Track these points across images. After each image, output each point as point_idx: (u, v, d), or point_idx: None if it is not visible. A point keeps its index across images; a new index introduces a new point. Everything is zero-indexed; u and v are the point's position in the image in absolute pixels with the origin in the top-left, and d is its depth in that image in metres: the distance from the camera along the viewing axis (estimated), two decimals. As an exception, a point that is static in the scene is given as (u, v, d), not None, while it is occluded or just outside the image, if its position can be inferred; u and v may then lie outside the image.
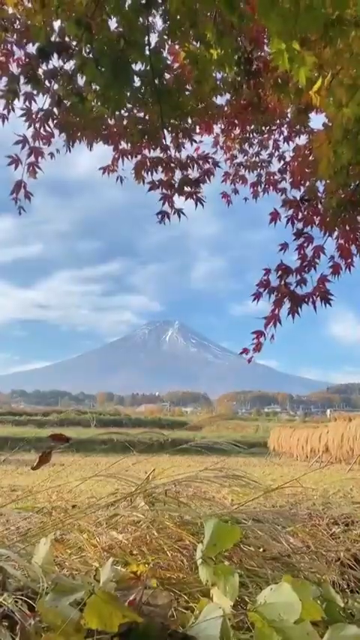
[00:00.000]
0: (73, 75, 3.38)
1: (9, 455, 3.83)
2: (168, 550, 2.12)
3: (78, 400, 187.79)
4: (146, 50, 2.93)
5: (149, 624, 1.18)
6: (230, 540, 1.38)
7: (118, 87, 2.77)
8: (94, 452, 15.77)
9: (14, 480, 7.19)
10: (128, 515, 2.39)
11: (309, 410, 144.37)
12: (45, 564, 1.38)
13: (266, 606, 1.17)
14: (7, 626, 1.19)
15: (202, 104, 3.85)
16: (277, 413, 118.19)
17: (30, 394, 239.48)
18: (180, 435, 26.65)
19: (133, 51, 2.78)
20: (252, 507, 2.77)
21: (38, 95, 3.74)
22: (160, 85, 3.11)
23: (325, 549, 2.75)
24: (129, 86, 2.93)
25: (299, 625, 1.11)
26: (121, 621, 1.12)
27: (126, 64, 2.76)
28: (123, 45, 2.73)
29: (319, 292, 3.62)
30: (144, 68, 3.19)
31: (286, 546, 2.52)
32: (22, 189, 4.08)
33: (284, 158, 4.96)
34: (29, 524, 2.34)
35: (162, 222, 4.30)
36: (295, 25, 1.67)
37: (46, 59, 3.11)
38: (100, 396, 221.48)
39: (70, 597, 1.14)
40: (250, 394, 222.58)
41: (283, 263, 3.72)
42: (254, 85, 3.51)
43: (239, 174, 5.12)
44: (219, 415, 78.33)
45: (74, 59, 3.04)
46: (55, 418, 46.85)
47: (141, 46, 2.87)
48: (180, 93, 3.39)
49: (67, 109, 3.65)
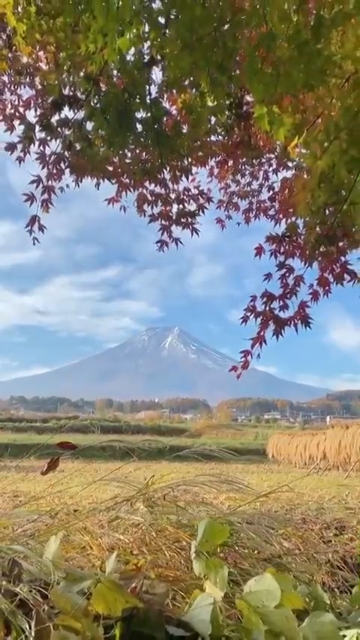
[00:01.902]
0: (82, 123, 3.79)
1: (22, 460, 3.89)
2: (166, 550, 2.27)
3: (77, 406, 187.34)
4: (147, 100, 3.18)
5: (148, 610, 1.34)
6: (221, 537, 1.54)
7: (122, 133, 3.12)
8: (94, 458, 15.88)
9: (16, 486, 7.30)
10: (129, 518, 2.55)
11: (308, 417, 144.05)
12: (55, 559, 1.54)
13: (251, 594, 1.33)
14: (24, 612, 1.35)
15: (197, 143, 4.22)
16: (276, 420, 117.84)
17: (29, 400, 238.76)
18: (179, 442, 26.69)
19: (135, 101, 3.08)
20: (248, 512, 2.92)
21: (51, 140, 4.17)
22: (159, 130, 3.39)
23: (316, 551, 2.90)
24: (132, 132, 3.25)
25: (279, 610, 1.27)
26: (124, 606, 1.28)
27: (129, 113, 3.10)
28: (126, 97, 3.03)
29: (299, 316, 4.02)
30: (145, 115, 3.52)
31: (278, 548, 2.67)
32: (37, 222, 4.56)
33: (273, 188, 5.45)
34: (35, 526, 2.49)
35: (161, 249, 4.78)
36: (275, 90, 1.87)
37: (59, 110, 3.46)
38: (99, 402, 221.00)
39: (79, 585, 1.30)
40: (250, 401, 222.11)
41: (267, 291, 4.15)
42: (244, 126, 3.85)
43: (232, 202, 5.60)
44: (219, 423, 78.23)
45: (83, 109, 3.41)
46: (54, 425, 46.88)
47: (142, 97, 3.17)
48: (177, 136, 3.72)
49: (76, 152, 4.04)
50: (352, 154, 2.36)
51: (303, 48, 2.07)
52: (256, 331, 4.15)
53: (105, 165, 4.35)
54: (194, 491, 3.28)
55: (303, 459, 24.15)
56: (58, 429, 43.03)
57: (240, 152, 4.53)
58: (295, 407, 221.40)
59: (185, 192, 4.89)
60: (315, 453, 22.70)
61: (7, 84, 4.32)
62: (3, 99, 4.41)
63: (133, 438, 3.99)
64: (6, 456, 22.57)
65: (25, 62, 4.00)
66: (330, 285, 4.11)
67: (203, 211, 4.94)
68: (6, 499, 5.34)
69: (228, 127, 4.16)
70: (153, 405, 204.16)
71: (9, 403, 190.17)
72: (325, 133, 2.38)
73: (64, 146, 4.05)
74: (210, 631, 1.32)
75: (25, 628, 1.31)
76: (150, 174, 4.35)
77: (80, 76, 3.43)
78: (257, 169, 5.38)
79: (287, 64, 2.05)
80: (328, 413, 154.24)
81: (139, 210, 4.86)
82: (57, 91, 3.63)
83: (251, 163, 5.21)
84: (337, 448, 20.16)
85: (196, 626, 1.34)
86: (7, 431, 42.96)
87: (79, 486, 4.35)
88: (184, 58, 2.45)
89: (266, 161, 5.28)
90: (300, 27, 2.11)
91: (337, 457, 20.17)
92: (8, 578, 1.47)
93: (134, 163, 4.30)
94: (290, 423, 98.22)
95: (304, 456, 24.06)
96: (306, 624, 1.38)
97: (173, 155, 4.02)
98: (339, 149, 2.36)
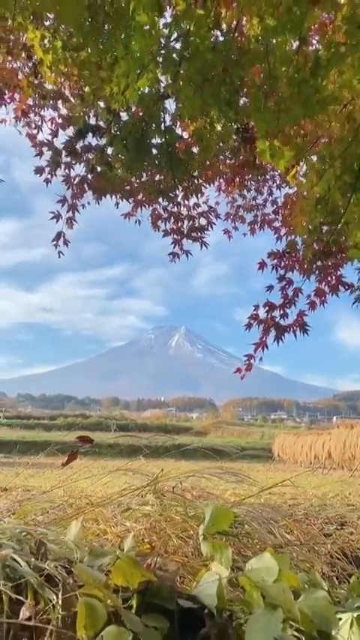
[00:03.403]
0: (104, 149, 4.25)
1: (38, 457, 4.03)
2: (175, 538, 2.44)
3: (84, 404, 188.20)
4: (162, 127, 3.48)
5: (161, 584, 1.51)
6: (226, 521, 1.71)
7: (139, 158, 3.45)
8: (102, 455, 16.09)
9: (26, 482, 7.49)
10: (139, 508, 2.72)
11: (315, 417, 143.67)
12: (76, 541, 1.72)
13: (252, 571, 1.50)
14: (51, 586, 1.52)
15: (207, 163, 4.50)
16: (283, 419, 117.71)
17: (36, 398, 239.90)
18: (185, 440, 26.95)
19: (151, 129, 3.37)
20: (252, 504, 3.08)
21: (76, 164, 4.66)
22: (172, 153, 3.70)
23: (315, 542, 3.06)
24: (148, 156, 3.54)
25: (277, 584, 1.43)
26: (139, 580, 1.45)
27: (146, 140, 3.44)
28: (143, 125, 3.33)
29: (298, 324, 4.46)
30: (160, 141, 3.86)
31: (280, 539, 2.84)
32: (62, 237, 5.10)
33: (277, 202, 5.88)
34: (53, 515, 2.66)
35: (173, 260, 5.34)
36: (277, 125, 2.07)
37: (83, 138, 3.79)
38: (105, 400, 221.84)
39: (101, 560, 1.47)
40: (256, 400, 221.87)
41: (269, 301, 4.59)
42: (250, 148, 4.15)
43: (239, 215, 6.02)
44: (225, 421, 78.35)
45: (105, 137, 3.76)
46: (62, 422, 47.29)
47: (158, 125, 3.49)
48: (189, 159, 4.07)
49: (98, 174, 4.50)
50: (345, 180, 2.58)
51: (302, 86, 2.28)
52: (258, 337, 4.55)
53: (123, 186, 4.77)
54: (201, 487, 3.45)
55: (308, 458, 24.29)
56: (66, 426, 43.41)
57: (246, 170, 4.80)
58: (302, 407, 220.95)
59: (195, 207, 5.30)
60: (320, 452, 22.85)
61: (32, 106, 4.79)
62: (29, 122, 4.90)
63: (143, 436, 4.18)
64: (15, 453, 22.85)
65: (49, 89, 4.41)
66: (326, 296, 4.50)
67: (212, 227, 5.38)
68: (19, 492, 5.52)
69: (235, 150, 4.55)
70: (159, 404, 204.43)
71: (16, 400, 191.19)
72: (321, 162, 2.60)
73: (87, 169, 4.51)
74: (216, 603, 1.49)
75: (52, 598, 1.49)
76: (163, 193, 4.74)
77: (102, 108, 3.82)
78: (262, 185, 5.78)
79: (288, 100, 2.25)
80: (334, 413, 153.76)
81: (153, 226, 5.32)
82: (82, 122, 4.08)
83: (256, 180, 5.59)
84: (342, 448, 20.30)
85: (203, 600, 1.52)
86: (16, 428, 43.39)
87: (88, 482, 4.52)
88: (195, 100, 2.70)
89: (270, 178, 5.67)
90: (300, 67, 2.31)
91: (342, 456, 20.31)
92: (36, 556, 1.64)
93: (149, 183, 4.68)
94: (297, 423, 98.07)
95: (309, 455, 24.20)
96: (301, 599, 1.54)
97: (185, 176, 4.40)
98: (333, 175, 2.57)
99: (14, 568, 1.58)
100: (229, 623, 1.49)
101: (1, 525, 1.89)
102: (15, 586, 1.53)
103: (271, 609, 1.43)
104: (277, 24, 2.20)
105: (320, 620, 1.50)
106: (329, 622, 1.52)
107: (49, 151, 4.70)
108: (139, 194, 5.00)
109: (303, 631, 1.50)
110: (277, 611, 1.41)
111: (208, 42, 2.50)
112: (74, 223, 5.00)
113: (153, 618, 1.44)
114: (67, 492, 4.28)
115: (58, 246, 5.06)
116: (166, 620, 1.47)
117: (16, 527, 1.86)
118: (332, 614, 1.55)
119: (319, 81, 2.26)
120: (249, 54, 2.50)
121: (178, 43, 2.69)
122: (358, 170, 2.54)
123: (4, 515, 2.60)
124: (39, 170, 4.77)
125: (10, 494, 4.16)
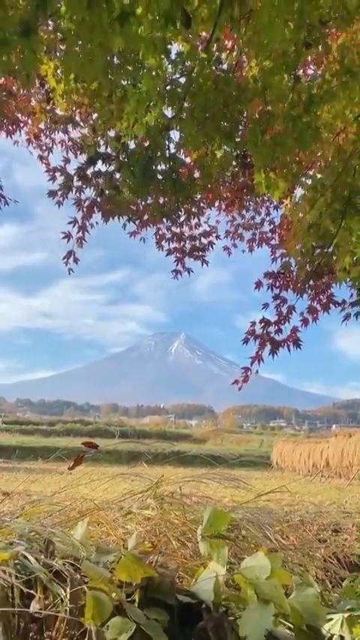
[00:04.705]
0: (112, 174, 4.54)
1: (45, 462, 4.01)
2: (174, 541, 2.55)
3: (83, 410, 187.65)
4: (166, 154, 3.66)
5: (162, 581, 1.63)
6: (223, 523, 1.82)
7: (145, 183, 3.64)
8: (101, 462, 16.15)
9: (27, 487, 7.57)
10: (140, 512, 2.83)
11: (314, 425, 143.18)
12: (82, 540, 1.83)
13: (246, 569, 1.62)
14: (60, 581, 1.64)
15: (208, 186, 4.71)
16: (282, 427, 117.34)
17: (35, 403, 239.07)
18: (184, 448, 26.96)
19: (156, 156, 3.56)
20: (249, 509, 3.19)
21: (86, 189, 4.97)
22: (176, 178, 3.89)
23: (309, 547, 3.17)
24: (153, 181, 3.75)
25: (269, 580, 1.55)
26: (142, 576, 1.57)
27: (151, 167, 3.62)
28: (149, 153, 3.52)
29: (291, 339, 4.72)
30: (164, 167, 4.14)
31: (276, 543, 2.94)
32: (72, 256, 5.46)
33: (273, 222, 6.22)
34: (58, 517, 2.77)
35: (175, 277, 5.67)
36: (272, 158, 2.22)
37: (94, 164, 4.02)
38: (105, 406, 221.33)
39: (107, 557, 1.59)
40: (256, 408, 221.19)
41: (264, 317, 4.87)
42: (249, 173, 4.37)
43: (238, 233, 6.32)
44: (224, 429, 78.21)
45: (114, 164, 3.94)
46: (60, 428, 47.28)
47: (163, 153, 3.69)
48: (191, 184, 4.26)
49: (107, 198, 4.80)
50: (335, 207, 2.74)
51: (297, 121, 2.44)
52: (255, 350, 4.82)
53: (130, 208, 5.03)
54: (200, 494, 3.55)
55: (307, 466, 24.29)
56: (65, 432, 43.40)
57: (245, 192, 5.03)
58: (301, 415, 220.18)
59: (196, 227, 5.62)
60: (318, 460, 22.86)
61: (44, 130, 5.07)
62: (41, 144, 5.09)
63: (144, 443, 4.32)
64: (14, 458, 22.85)
65: (60, 115, 4.68)
66: (318, 313, 4.78)
67: (212, 246, 5.75)
68: (22, 498, 5.61)
69: (234, 174, 4.83)
70: (158, 411, 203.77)
71: (15, 406, 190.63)
72: (313, 191, 2.77)
73: (96, 193, 4.82)
74: (212, 599, 1.60)
75: (61, 593, 1.60)
76: (167, 215, 5.05)
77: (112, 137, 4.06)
78: (260, 205, 6.09)
79: (283, 135, 2.41)
80: (334, 421, 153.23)
81: (157, 245, 5.66)
82: (93, 150, 4.37)
83: (254, 201, 5.88)
84: (340, 456, 20.35)
85: (201, 595, 1.63)
86: (15, 433, 43.35)
87: (88, 487, 4.61)
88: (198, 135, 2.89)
89: (267, 199, 5.94)
90: (294, 103, 2.47)
91: (340, 465, 20.35)
92: (45, 554, 1.76)
93: (154, 206, 4.96)
94: (296, 431, 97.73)
95: (307, 463, 24.21)
96: (292, 596, 1.66)
97: (187, 199, 4.71)
98: (325, 204, 2.74)
99: (25, 565, 1.70)
100: (224, 617, 1.60)
101: (11, 525, 2.00)
102: (26, 581, 1.64)
103: (264, 604, 1.55)
104: (273, 66, 2.37)
105: (310, 615, 1.62)
106: (318, 617, 1.63)
107: (62, 176, 4.98)
108: (145, 215, 5.24)
109: (294, 625, 1.62)
110: (269, 606, 1.52)
111: (211, 82, 2.68)
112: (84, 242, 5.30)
113: (154, 612, 1.56)
114: (68, 497, 4.38)
115: (69, 264, 5.39)
116: (166, 613, 1.58)
117: (25, 526, 1.97)
118: (321, 610, 1.66)
119: (312, 116, 2.43)
120: (248, 92, 2.68)
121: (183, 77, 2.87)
122: (347, 198, 2.71)
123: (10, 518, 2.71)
124: (52, 194, 5.04)
125: (12, 499, 4.25)
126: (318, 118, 2.52)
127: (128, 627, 1.45)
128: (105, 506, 2.95)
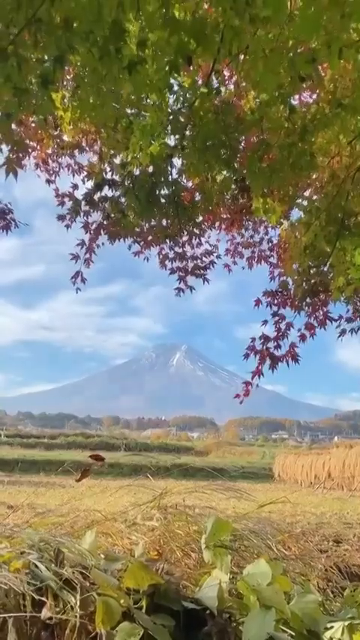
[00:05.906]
0: (118, 199, 4.75)
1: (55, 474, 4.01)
2: (178, 551, 2.61)
3: (84, 423, 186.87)
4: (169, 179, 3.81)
5: (168, 588, 1.70)
6: (226, 532, 1.90)
7: (149, 208, 3.80)
8: (103, 475, 16.14)
9: (31, 500, 7.60)
10: (144, 523, 2.89)
11: (316, 436, 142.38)
12: (91, 549, 1.91)
13: (248, 576, 1.69)
14: (70, 588, 1.71)
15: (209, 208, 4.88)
16: (284, 439, 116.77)
17: (36, 416, 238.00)
18: (186, 460, 26.91)
19: (160, 182, 3.71)
20: (251, 519, 3.25)
21: (93, 212, 5.16)
22: (179, 202, 4.05)
23: (310, 557, 3.22)
24: (157, 205, 3.92)
25: (270, 586, 1.62)
26: (149, 583, 1.64)
27: (155, 192, 3.78)
28: (153, 179, 3.67)
29: (290, 354, 4.94)
30: (167, 192, 4.35)
31: (277, 553, 3.00)
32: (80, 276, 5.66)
33: (272, 241, 6.38)
34: (64, 529, 2.83)
35: (178, 294, 5.87)
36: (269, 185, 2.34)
37: (100, 190, 4.19)
38: (106, 419, 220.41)
39: (116, 564, 1.66)
40: (258, 420, 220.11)
41: (264, 334, 5.07)
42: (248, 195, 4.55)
43: (237, 251, 6.51)
44: (226, 441, 77.87)
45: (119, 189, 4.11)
46: (62, 441, 47.18)
47: (166, 179, 3.85)
48: (193, 207, 4.37)
49: (113, 221, 5.03)
50: (329, 229, 2.87)
51: (292, 150, 2.57)
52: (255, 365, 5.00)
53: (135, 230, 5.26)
54: (203, 505, 3.61)
55: (309, 478, 24.24)
56: (67, 445, 43.30)
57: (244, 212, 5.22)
58: (303, 426, 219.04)
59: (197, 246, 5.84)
60: (320, 472, 22.82)
61: (51, 154, 5.29)
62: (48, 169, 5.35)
63: (149, 455, 4.39)
64: (16, 471, 22.79)
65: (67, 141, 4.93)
66: (315, 329, 4.98)
67: (213, 265, 5.96)
68: (25, 511, 5.65)
69: (234, 197, 5.02)
70: (160, 423, 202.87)
71: (16, 419, 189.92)
72: (309, 215, 2.90)
73: (103, 216, 5.06)
74: (216, 605, 1.67)
75: (70, 600, 1.67)
76: (170, 236, 5.31)
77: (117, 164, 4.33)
78: (258, 225, 6.28)
79: (279, 163, 2.54)
80: (336, 433, 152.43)
81: (161, 265, 5.89)
82: (100, 177, 4.64)
83: (253, 220, 6.06)
84: (341, 467, 20.32)
85: (205, 602, 1.70)
86: (16, 446, 43.23)
87: (92, 500, 4.66)
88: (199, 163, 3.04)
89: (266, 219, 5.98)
90: (290, 132, 2.60)
91: (342, 476, 20.31)
92: (55, 563, 1.83)
93: (158, 228, 5.19)
94: (298, 443, 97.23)
95: (309, 475, 24.16)
96: (293, 602, 1.73)
97: (189, 222, 4.93)
98: (319, 226, 2.87)
99: (36, 573, 1.77)
100: (228, 623, 1.67)
101: (22, 535, 2.07)
102: (37, 589, 1.71)
103: (266, 610, 1.62)
104: (269, 98, 2.51)
105: (310, 620, 1.69)
106: (317, 622, 1.70)
107: (70, 201, 5.21)
108: (149, 236, 5.44)
109: (294, 630, 1.68)
110: (271, 611, 1.59)
111: (212, 114, 2.83)
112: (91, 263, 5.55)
113: (161, 617, 1.63)
114: (73, 509, 4.43)
115: (76, 284, 5.60)
116: (172, 619, 1.65)
117: (35, 536, 2.04)
118: (321, 616, 1.73)
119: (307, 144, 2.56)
120: (246, 122, 2.82)
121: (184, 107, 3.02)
122: (341, 220, 2.84)
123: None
124: (61, 217, 5.26)
125: (17, 512, 4.30)
126: (313, 144, 2.66)
127: (136, 632, 1.52)
128: (110, 517, 3.01)
